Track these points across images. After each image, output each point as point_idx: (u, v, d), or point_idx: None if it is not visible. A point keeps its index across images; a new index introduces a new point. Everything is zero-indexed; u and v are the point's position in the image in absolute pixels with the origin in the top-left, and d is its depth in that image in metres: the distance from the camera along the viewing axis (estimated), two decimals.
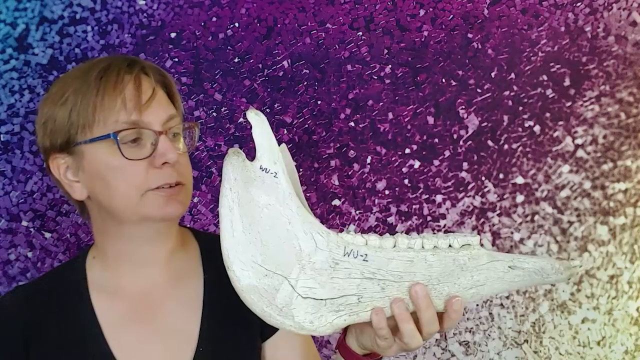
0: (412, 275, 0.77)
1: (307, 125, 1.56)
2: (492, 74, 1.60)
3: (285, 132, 1.55)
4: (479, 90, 1.60)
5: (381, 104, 1.58)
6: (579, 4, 1.62)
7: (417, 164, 1.58)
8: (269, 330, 0.98)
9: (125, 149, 0.88)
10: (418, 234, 1.56)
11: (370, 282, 0.77)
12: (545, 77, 1.61)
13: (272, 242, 0.75)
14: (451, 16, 1.60)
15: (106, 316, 0.94)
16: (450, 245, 0.77)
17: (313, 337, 1.15)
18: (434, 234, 0.79)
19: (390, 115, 1.58)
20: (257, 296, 0.75)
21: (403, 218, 1.58)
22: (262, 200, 0.75)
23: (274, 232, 0.75)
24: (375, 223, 1.57)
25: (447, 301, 0.77)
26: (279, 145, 0.80)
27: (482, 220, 1.59)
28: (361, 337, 0.84)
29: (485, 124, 1.60)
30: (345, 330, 0.86)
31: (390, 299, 0.77)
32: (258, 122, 0.75)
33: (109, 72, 0.90)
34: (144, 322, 0.95)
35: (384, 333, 0.78)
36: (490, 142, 1.60)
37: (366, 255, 0.76)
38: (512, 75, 1.60)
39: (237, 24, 1.55)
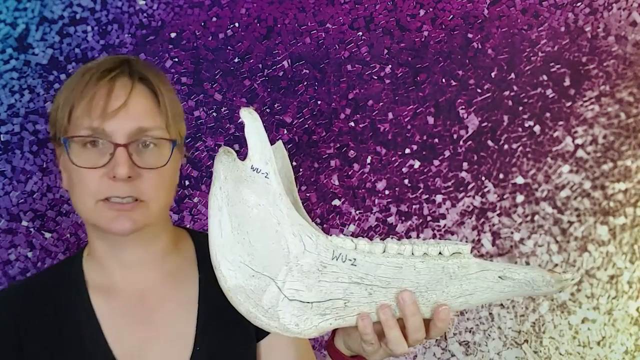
0: (400, 281, 0.76)
1: (307, 125, 1.56)
2: (492, 74, 1.60)
3: (285, 132, 1.55)
4: (479, 90, 1.60)
5: (381, 104, 1.58)
6: (579, 4, 1.61)
7: (417, 164, 1.58)
8: (264, 330, 0.98)
9: (81, 155, 0.87)
10: (418, 234, 1.57)
11: (358, 287, 0.76)
12: (545, 77, 1.60)
13: (261, 243, 0.74)
14: (451, 16, 1.60)
15: (104, 315, 0.94)
16: (440, 253, 0.76)
17: None
18: (426, 240, 0.77)
19: (390, 115, 1.58)
20: (244, 297, 0.75)
21: (403, 218, 1.58)
22: (252, 201, 0.74)
23: (263, 233, 0.74)
24: (375, 223, 1.57)
25: (434, 309, 0.77)
26: (276, 142, 0.79)
27: (482, 220, 1.59)
28: (348, 340, 0.84)
29: (485, 124, 1.60)
30: (334, 331, 0.86)
31: (377, 305, 0.76)
32: (251, 121, 0.74)
33: (90, 73, 0.89)
34: (141, 321, 0.95)
35: (369, 338, 0.77)
36: (490, 142, 1.60)
37: (355, 259, 0.75)
38: (512, 75, 1.60)
39: (237, 24, 1.55)
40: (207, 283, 0.97)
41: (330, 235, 0.77)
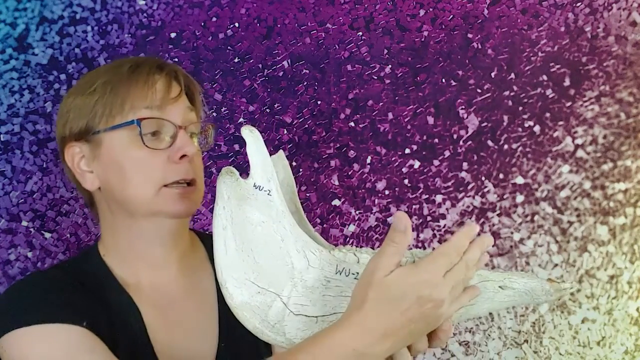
0: None
1: (307, 125, 1.56)
2: (492, 74, 1.60)
3: (285, 132, 1.55)
4: (479, 90, 1.60)
5: (381, 104, 1.58)
6: (579, 4, 1.61)
7: (417, 164, 1.58)
8: None
9: (145, 140, 0.90)
10: (418, 234, 1.57)
11: None
12: (545, 77, 1.60)
13: (265, 260, 0.75)
14: (451, 16, 1.60)
15: (143, 309, 0.94)
16: None
17: None
18: (426, 251, 0.78)
19: (390, 115, 1.58)
20: (250, 313, 0.75)
21: None
22: (256, 218, 0.75)
23: (267, 250, 0.75)
24: (375, 223, 1.57)
25: None
26: (277, 152, 0.79)
27: (482, 220, 1.59)
28: None
29: (485, 124, 1.60)
30: None
31: None
32: (252, 139, 0.75)
33: (140, 67, 0.93)
34: (167, 319, 0.96)
35: None
36: (490, 142, 1.60)
37: (358, 273, 0.75)
38: (512, 75, 1.60)
39: (237, 24, 1.55)
40: None
41: (335, 245, 0.78)
